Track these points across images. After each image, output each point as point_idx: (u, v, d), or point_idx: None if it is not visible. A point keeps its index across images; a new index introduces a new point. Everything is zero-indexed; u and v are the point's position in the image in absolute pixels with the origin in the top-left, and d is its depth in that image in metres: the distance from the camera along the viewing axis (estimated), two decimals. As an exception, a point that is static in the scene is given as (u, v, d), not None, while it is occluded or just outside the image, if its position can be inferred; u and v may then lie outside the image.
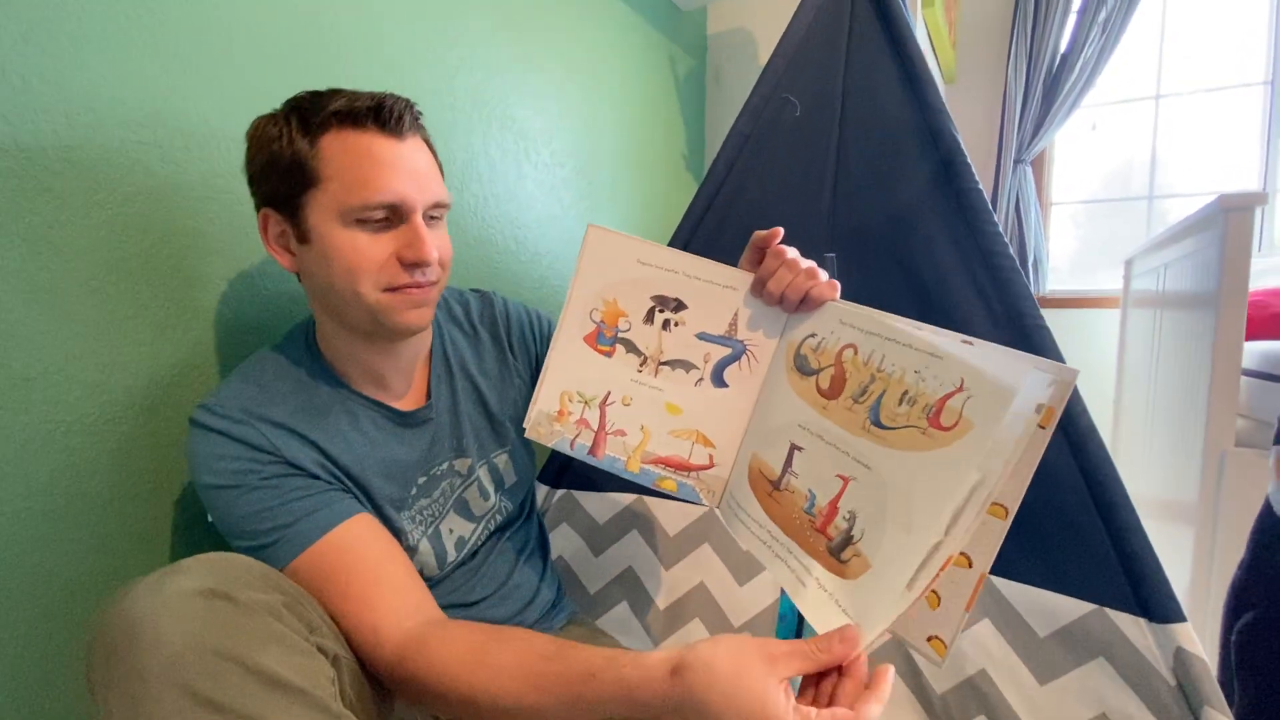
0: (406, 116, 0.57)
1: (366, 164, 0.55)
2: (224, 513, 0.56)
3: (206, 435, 0.56)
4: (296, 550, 0.54)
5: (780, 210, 0.97)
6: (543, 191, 1.20)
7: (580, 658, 0.47)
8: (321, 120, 0.54)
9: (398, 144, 0.56)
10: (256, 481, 0.55)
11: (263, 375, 0.61)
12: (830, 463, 0.53)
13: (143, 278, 0.65)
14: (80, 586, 0.62)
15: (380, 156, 0.55)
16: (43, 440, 0.59)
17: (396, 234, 0.57)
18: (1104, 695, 0.68)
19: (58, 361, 0.59)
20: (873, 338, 0.54)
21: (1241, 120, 2.19)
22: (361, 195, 0.54)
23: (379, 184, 0.55)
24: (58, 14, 0.58)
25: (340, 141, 0.55)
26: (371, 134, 0.55)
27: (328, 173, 0.54)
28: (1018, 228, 2.29)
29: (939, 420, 0.45)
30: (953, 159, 0.85)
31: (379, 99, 0.56)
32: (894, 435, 0.48)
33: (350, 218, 0.55)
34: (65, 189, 0.59)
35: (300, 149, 0.54)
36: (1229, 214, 1.17)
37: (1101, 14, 2.14)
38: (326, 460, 0.59)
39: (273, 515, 0.55)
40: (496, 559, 0.74)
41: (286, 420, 0.58)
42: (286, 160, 0.55)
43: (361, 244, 0.56)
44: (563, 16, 1.23)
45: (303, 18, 0.78)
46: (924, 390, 0.47)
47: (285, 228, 0.58)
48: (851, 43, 0.96)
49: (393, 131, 0.56)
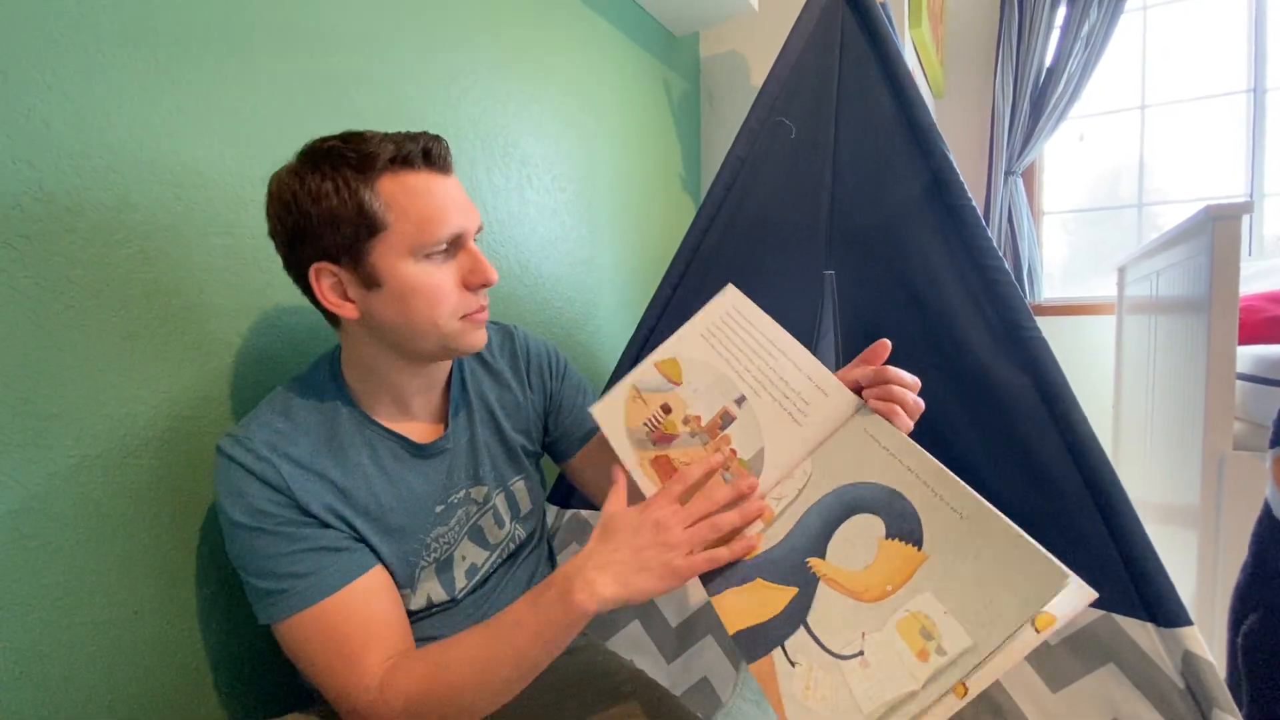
0: (448, 154, 0.61)
1: (427, 202, 0.58)
2: (239, 548, 0.58)
3: (229, 466, 0.57)
4: (300, 605, 0.56)
5: (778, 230, 1.00)
6: (545, 216, 1.23)
7: (506, 614, 0.56)
8: (379, 168, 0.56)
9: (446, 179, 0.60)
10: (270, 525, 0.57)
11: (289, 406, 0.62)
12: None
13: (162, 313, 0.66)
14: (104, 622, 0.63)
15: (438, 193, 0.59)
16: (66, 475, 0.60)
17: (457, 262, 0.61)
18: (1115, 700, 0.69)
19: (80, 398, 0.61)
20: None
21: (1227, 127, 2.24)
22: (431, 232, 0.57)
23: (444, 219, 0.58)
24: (79, 60, 0.60)
25: (398, 184, 0.57)
26: (426, 174, 0.58)
27: (393, 215, 0.57)
28: (1011, 238, 2.32)
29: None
30: (945, 176, 0.87)
31: (421, 140, 0.59)
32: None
33: (420, 254, 0.58)
34: (86, 229, 0.61)
35: (363, 198, 0.56)
36: (1216, 222, 1.19)
37: (1084, 28, 2.20)
38: (341, 502, 0.61)
39: (282, 563, 0.56)
40: (507, 585, 0.75)
41: (307, 458, 0.60)
42: (351, 211, 0.56)
43: (437, 278, 0.59)
44: (561, 46, 1.27)
45: (313, 56, 0.80)
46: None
47: (343, 277, 0.58)
48: (843, 65, 0.99)
49: (442, 169, 0.60)
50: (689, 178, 1.74)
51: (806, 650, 0.50)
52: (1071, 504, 0.73)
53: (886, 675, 0.46)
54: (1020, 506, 0.77)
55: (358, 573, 0.59)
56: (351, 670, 0.56)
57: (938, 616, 0.46)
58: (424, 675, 0.55)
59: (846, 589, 0.51)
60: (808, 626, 0.51)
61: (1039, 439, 0.76)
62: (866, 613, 0.49)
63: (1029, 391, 0.77)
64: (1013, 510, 0.76)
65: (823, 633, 0.50)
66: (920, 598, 0.47)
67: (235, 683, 0.73)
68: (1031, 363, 0.77)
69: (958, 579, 0.46)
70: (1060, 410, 0.75)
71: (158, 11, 0.66)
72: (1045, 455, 0.75)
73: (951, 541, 0.48)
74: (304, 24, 0.80)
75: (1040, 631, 0.42)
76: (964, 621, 0.45)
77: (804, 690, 0.49)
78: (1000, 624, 0.43)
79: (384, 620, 0.59)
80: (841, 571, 0.52)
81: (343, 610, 0.57)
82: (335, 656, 0.56)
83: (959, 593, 0.46)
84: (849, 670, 0.47)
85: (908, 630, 0.47)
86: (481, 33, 1.07)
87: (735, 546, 0.56)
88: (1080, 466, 0.73)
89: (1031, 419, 0.77)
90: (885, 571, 0.50)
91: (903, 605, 0.48)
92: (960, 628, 0.44)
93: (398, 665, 0.56)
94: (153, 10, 0.65)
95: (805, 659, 0.50)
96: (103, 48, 0.62)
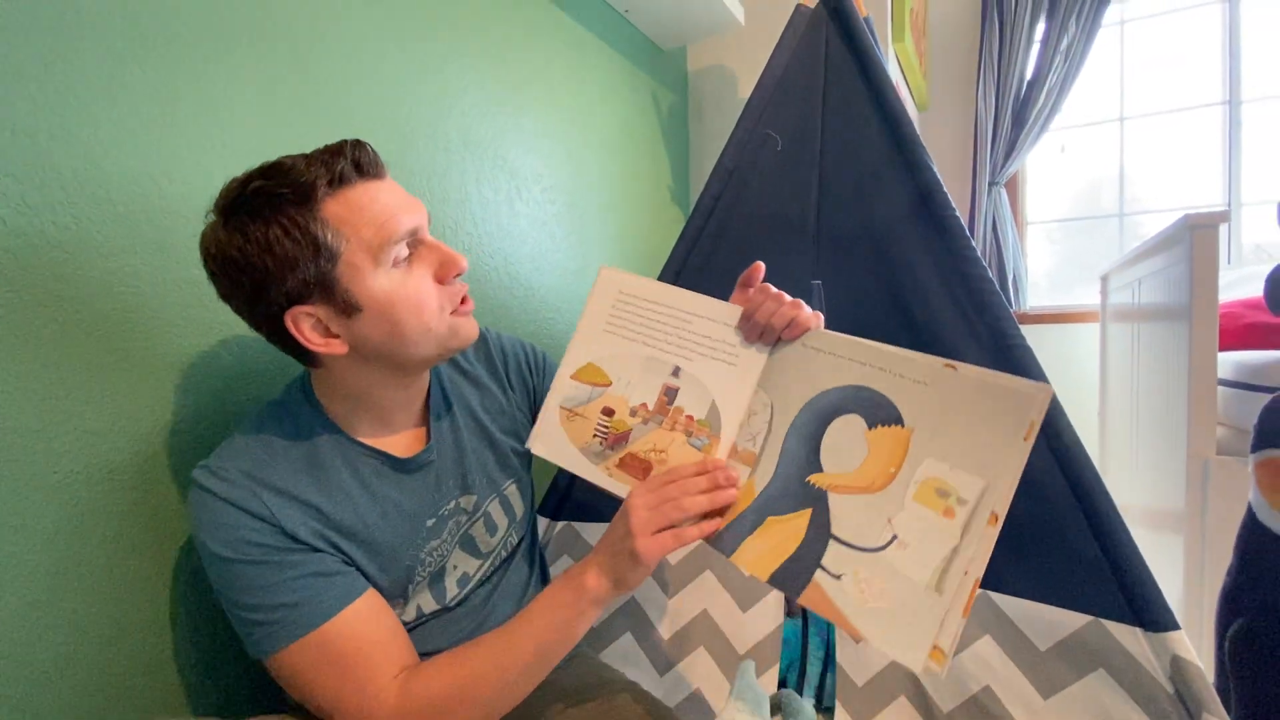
0: (378, 157, 0.59)
1: (374, 211, 0.56)
2: (224, 583, 0.55)
3: (206, 499, 0.55)
4: (297, 634, 0.54)
5: (766, 240, 1.00)
6: (535, 228, 1.23)
7: (521, 614, 0.58)
8: (320, 195, 0.54)
9: (383, 183, 0.59)
10: (258, 555, 0.55)
11: (263, 432, 0.60)
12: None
13: (146, 330, 0.66)
14: (84, 641, 0.61)
15: (381, 199, 0.57)
16: (49, 490, 0.59)
17: (423, 260, 0.60)
18: (1106, 706, 0.69)
19: (61, 414, 0.60)
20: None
21: (1203, 138, 2.29)
22: (384, 238, 0.56)
23: (394, 222, 0.56)
24: (65, 74, 0.60)
25: (340, 203, 0.55)
26: (363, 185, 0.57)
27: (345, 236, 0.55)
28: (996, 247, 2.35)
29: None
30: (929, 187, 0.88)
31: (349, 153, 0.56)
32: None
33: (385, 264, 0.56)
34: (71, 243, 0.60)
35: (314, 231, 0.53)
36: (1194, 231, 1.22)
37: (1063, 42, 2.24)
38: (327, 526, 0.59)
39: (273, 594, 0.54)
40: (499, 596, 0.74)
41: (287, 483, 0.58)
42: (307, 248, 0.53)
43: (412, 283, 0.58)
44: (550, 60, 1.28)
45: (300, 69, 0.81)
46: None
47: (320, 314, 0.56)
48: (828, 79, 1.01)
49: (376, 175, 0.58)
50: (678, 189, 1.76)
51: (844, 559, 0.51)
52: (1058, 510, 0.74)
53: (925, 544, 0.48)
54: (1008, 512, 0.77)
55: (354, 595, 0.58)
56: (364, 692, 0.55)
57: (946, 474, 0.49)
58: (445, 677, 0.56)
59: (855, 488, 0.53)
60: (836, 537, 0.52)
61: (1026, 446, 0.77)
62: (882, 500, 0.51)
63: (1015, 399, 0.78)
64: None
65: (852, 536, 0.52)
66: (923, 466, 0.50)
67: (220, 708, 0.72)
68: (1018, 371, 0.78)
69: (948, 436, 0.49)
70: (1046, 417, 0.76)
71: (139, 25, 0.66)
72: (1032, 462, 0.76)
73: (928, 409, 0.51)
74: (290, 37, 0.80)
75: (1027, 440, 0.47)
76: (969, 469, 0.48)
77: (860, 596, 0.50)
78: (1000, 456, 0.47)
79: (388, 639, 0.59)
80: (843, 475, 0.54)
81: (344, 633, 0.56)
82: (344, 680, 0.55)
83: (954, 447, 0.49)
84: (891, 558, 0.49)
85: (926, 497, 0.49)
86: (470, 46, 1.08)
87: (704, 525, 0.57)
88: (1066, 473, 0.74)
89: (1018, 426, 0.77)
90: (882, 458, 0.52)
91: (911, 479, 0.50)
92: (968, 475, 0.48)
93: (413, 676, 0.56)
94: (134, 23, 0.65)
95: (847, 567, 0.51)
96: (91, 54, 0.61)
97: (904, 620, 0.48)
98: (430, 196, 1.00)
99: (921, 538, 0.49)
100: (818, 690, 1.00)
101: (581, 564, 0.59)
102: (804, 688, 1.00)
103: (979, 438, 0.48)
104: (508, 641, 0.57)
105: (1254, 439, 0.82)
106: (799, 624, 1.06)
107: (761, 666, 0.87)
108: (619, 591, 0.57)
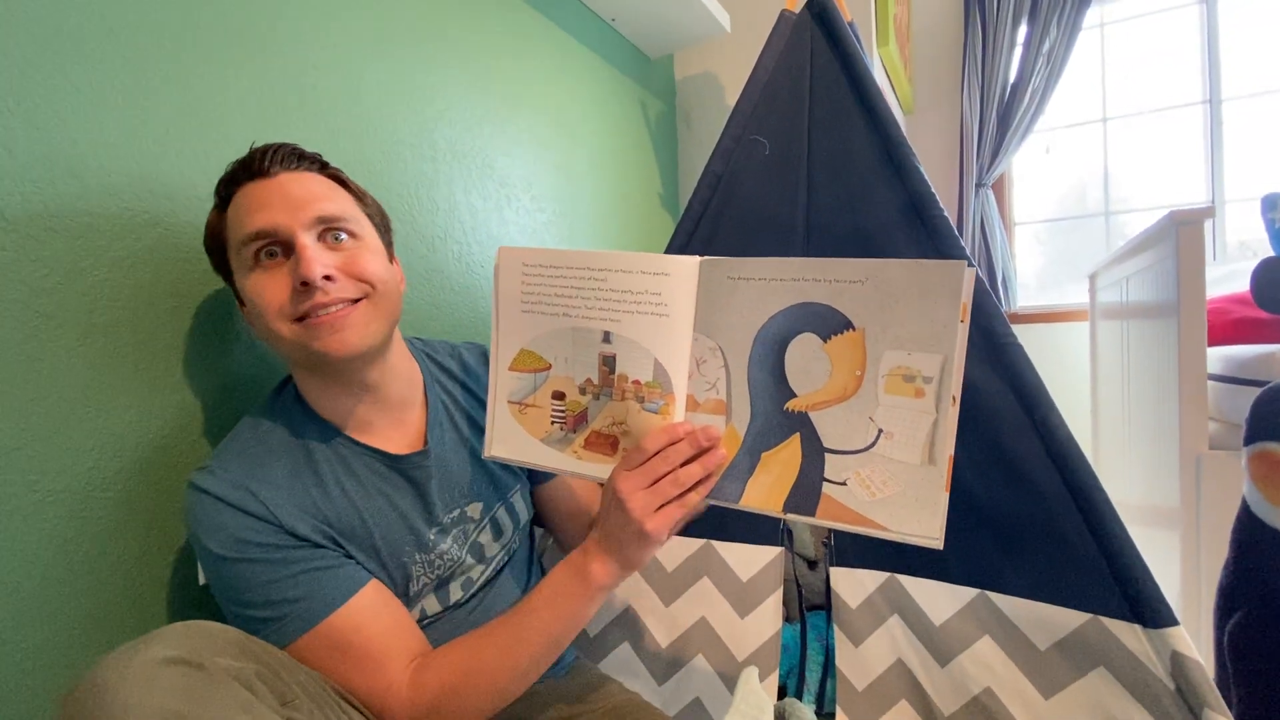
0: (272, 158, 0.60)
1: (240, 210, 0.59)
2: (226, 584, 0.56)
3: (204, 501, 0.56)
4: (304, 628, 0.55)
5: (755, 244, 1.00)
6: (525, 236, 1.22)
7: (526, 600, 0.60)
8: (225, 194, 0.60)
9: (266, 182, 0.59)
10: (258, 554, 0.55)
11: (259, 433, 0.61)
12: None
13: (130, 342, 0.65)
14: (74, 660, 0.60)
15: (251, 197, 0.59)
16: (29, 511, 0.58)
17: (291, 263, 0.58)
18: (1107, 704, 0.68)
19: (44, 430, 0.59)
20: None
21: (1186, 137, 2.32)
22: (238, 236, 0.58)
23: (246, 221, 0.58)
24: (44, 81, 0.59)
25: (234, 202, 0.60)
26: (250, 185, 0.59)
27: (228, 234, 0.60)
28: (985, 248, 2.37)
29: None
30: (917, 188, 0.88)
31: (254, 152, 0.60)
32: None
33: (247, 261, 0.58)
34: (50, 256, 0.59)
35: (218, 225, 0.61)
36: (1180, 227, 1.23)
37: (1045, 45, 2.27)
38: (325, 524, 0.59)
39: (276, 590, 0.55)
40: (500, 594, 0.75)
41: (283, 483, 0.58)
42: (212, 239, 0.62)
43: (262, 282, 0.58)
44: (537, 67, 1.28)
45: (285, 78, 0.80)
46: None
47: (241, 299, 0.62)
48: (814, 84, 1.01)
49: (260, 175, 0.59)
50: (667, 195, 1.76)
51: (843, 465, 0.55)
52: (1054, 508, 0.74)
53: (909, 426, 0.52)
54: (1003, 511, 0.77)
55: (358, 586, 0.58)
56: (375, 681, 0.56)
57: (906, 360, 0.52)
58: (456, 667, 0.57)
59: (831, 401, 0.55)
60: (829, 449, 0.55)
61: (1020, 444, 0.76)
62: (859, 403, 0.54)
63: (1009, 398, 0.78)
64: (997, 515, 0.76)
65: (843, 444, 0.55)
66: (885, 360, 0.53)
67: None
68: (1010, 369, 0.78)
69: (898, 325, 0.52)
70: (1040, 415, 0.76)
71: (123, 32, 0.65)
72: (1027, 460, 0.76)
73: (871, 305, 0.53)
74: (278, 46, 0.79)
75: (964, 322, 0.50)
76: (926, 349, 0.51)
77: (869, 493, 0.54)
78: (947, 332, 0.50)
79: (398, 628, 0.59)
80: (816, 393, 0.56)
81: (352, 624, 0.56)
82: (355, 671, 0.55)
83: (906, 333, 0.52)
84: (883, 449, 0.53)
85: (895, 386, 0.53)
86: (456, 55, 1.08)
87: (703, 489, 0.56)
88: (1061, 470, 0.74)
89: (1012, 425, 0.77)
90: (846, 366, 0.54)
91: (878, 375, 0.53)
92: (926, 355, 0.51)
93: (425, 664, 0.58)
94: (118, 30, 0.65)
95: (848, 471, 0.55)
96: (73, 65, 0.61)
97: (912, 499, 0.52)
98: (419, 206, 0.99)
99: (903, 423, 0.52)
100: (818, 696, 0.99)
101: (582, 553, 0.58)
102: (803, 694, 0.99)
103: (925, 318, 0.51)
104: (517, 633, 0.58)
105: (1246, 432, 0.83)
106: (797, 629, 1.06)
107: (761, 673, 0.86)
108: (627, 573, 0.58)
